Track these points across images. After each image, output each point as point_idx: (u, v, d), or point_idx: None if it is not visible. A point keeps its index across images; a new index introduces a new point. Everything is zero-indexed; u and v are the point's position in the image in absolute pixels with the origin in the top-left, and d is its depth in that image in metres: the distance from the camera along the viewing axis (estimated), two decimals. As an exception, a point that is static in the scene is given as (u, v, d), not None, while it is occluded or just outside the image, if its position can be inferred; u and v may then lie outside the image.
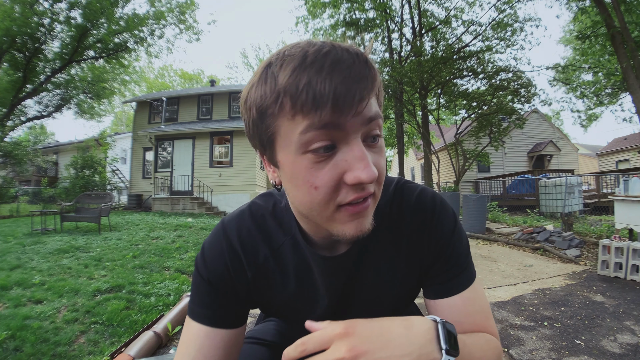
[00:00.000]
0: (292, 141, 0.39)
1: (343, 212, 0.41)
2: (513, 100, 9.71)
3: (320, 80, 0.36)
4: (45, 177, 17.46)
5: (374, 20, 11.93)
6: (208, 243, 0.56)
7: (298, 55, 0.38)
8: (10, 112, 12.74)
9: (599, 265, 3.66)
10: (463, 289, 0.53)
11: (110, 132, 22.75)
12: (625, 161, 16.89)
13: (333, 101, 0.36)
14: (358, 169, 0.38)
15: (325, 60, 0.37)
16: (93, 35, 12.83)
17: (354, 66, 0.37)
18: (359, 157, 0.38)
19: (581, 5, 8.80)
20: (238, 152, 11.64)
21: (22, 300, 2.63)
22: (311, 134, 0.38)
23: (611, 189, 9.57)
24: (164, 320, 2.26)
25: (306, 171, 0.40)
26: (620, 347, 1.99)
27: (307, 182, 0.40)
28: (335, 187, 0.40)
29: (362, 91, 0.37)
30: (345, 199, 0.40)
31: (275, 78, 0.39)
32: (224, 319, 0.53)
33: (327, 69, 0.36)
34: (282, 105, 0.38)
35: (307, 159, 0.39)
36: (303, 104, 0.37)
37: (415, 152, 19.79)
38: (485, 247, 5.40)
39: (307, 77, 0.36)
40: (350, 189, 0.40)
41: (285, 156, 0.41)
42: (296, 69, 0.37)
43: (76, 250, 4.45)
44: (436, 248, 0.54)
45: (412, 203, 0.56)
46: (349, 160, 0.39)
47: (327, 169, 0.39)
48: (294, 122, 0.38)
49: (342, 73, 0.37)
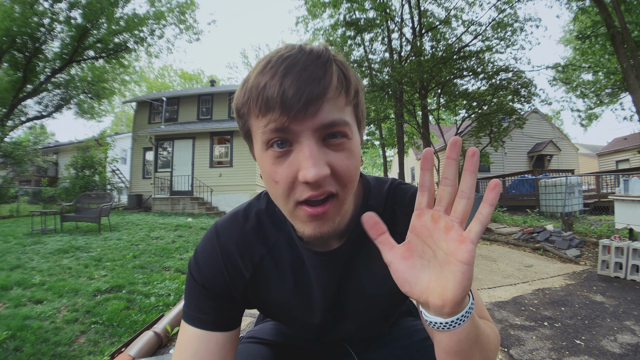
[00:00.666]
0: (258, 138, 0.43)
1: (302, 211, 0.43)
2: (513, 100, 9.70)
3: (272, 84, 0.39)
4: (45, 177, 17.45)
5: (374, 20, 11.92)
6: (201, 248, 0.56)
7: (265, 60, 0.42)
8: (10, 112, 12.73)
9: (599, 265, 3.66)
10: None
11: (111, 132, 22.76)
12: (625, 161, 16.89)
13: (280, 104, 0.38)
14: (305, 167, 0.39)
15: (282, 64, 0.39)
16: (93, 35, 12.83)
17: (308, 68, 0.39)
18: (307, 156, 0.40)
19: (581, 5, 8.80)
20: (238, 152, 11.64)
21: (22, 300, 2.63)
22: (268, 132, 0.41)
23: (611, 189, 9.57)
24: (164, 320, 2.26)
25: (269, 166, 0.43)
26: (620, 347, 1.99)
27: (269, 176, 0.43)
28: (291, 183, 0.42)
29: (312, 93, 0.38)
30: (302, 196, 0.42)
31: (247, 81, 0.43)
32: (219, 322, 0.53)
33: (280, 73, 0.39)
34: (249, 106, 0.42)
35: (270, 155, 0.42)
36: (260, 106, 0.40)
37: (415, 152, 19.79)
38: (485, 247, 5.39)
39: (264, 81, 0.39)
40: (305, 186, 0.41)
41: (256, 152, 0.45)
42: (259, 74, 0.41)
43: (76, 251, 4.45)
44: None
45: (405, 203, 0.56)
46: (299, 159, 0.40)
47: (284, 166, 0.42)
48: (258, 121, 0.42)
49: (293, 76, 0.38)
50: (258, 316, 0.91)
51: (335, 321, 0.60)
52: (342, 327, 0.62)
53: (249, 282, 0.55)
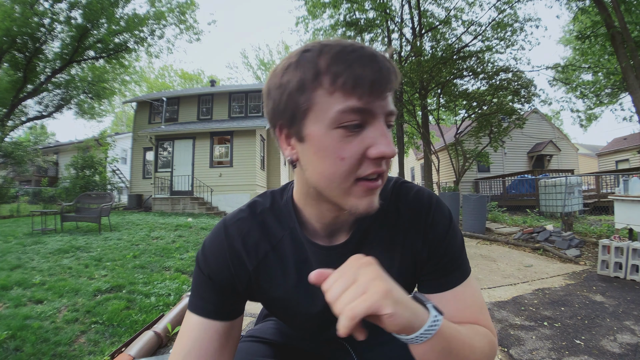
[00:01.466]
0: (327, 116, 0.43)
1: (359, 187, 0.46)
2: (513, 100, 9.70)
3: (360, 67, 0.42)
4: (45, 177, 17.45)
5: (374, 20, 11.93)
6: (209, 241, 0.58)
7: (336, 46, 0.44)
8: (10, 112, 12.74)
9: (598, 265, 3.66)
10: (456, 285, 0.56)
11: (111, 132, 22.77)
12: (625, 161, 16.89)
13: (370, 86, 0.42)
14: (382, 144, 0.43)
15: (364, 51, 0.43)
16: (93, 35, 12.83)
17: (385, 61, 0.44)
18: (383, 134, 0.44)
19: (581, 5, 8.80)
20: (238, 152, 11.64)
21: (23, 300, 2.63)
22: (347, 111, 0.42)
23: (611, 188, 9.57)
24: (164, 320, 2.26)
25: (335, 144, 0.44)
26: (620, 347, 2.00)
27: (334, 153, 0.44)
28: (359, 159, 0.44)
29: (390, 82, 0.44)
30: (365, 171, 0.45)
31: (315, 61, 0.43)
32: (220, 311, 0.55)
33: (366, 58, 0.42)
34: (320, 83, 0.43)
35: (338, 133, 0.44)
36: (344, 84, 0.42)
37: (415, 152, 19.78)
38: (485, 247, 5.40)
39: (349, 62, 0.42)
40: (370, 163, 0.44)
41: (317, 129, 0.45)
42: (338, 55, 0.42)
43: (76, 250, 4.45)
44: (431, 244, 0.57)
45: (409, 200, 0.59)
46: (374, 137, 0.44)
47: (354, 143, 0.44)
48: (332, 99, 0.43)
49: (378, 65, 0.42)
50: (258, 316, 0.91)
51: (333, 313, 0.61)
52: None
53: (252, 276, 0.57)
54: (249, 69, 37.68)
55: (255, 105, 13.76)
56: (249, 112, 13.72)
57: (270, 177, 13.21)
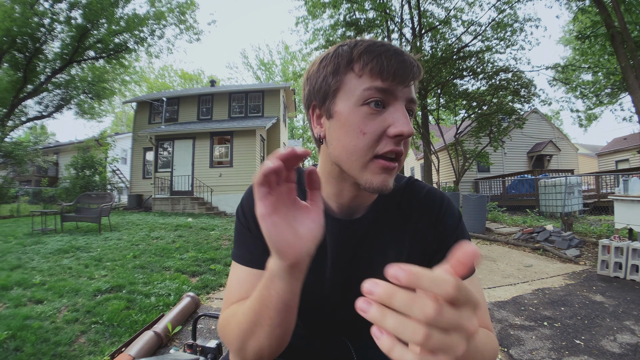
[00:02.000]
0: (354, 94, 0.50)
1: (376, 163, 0.50)
2: (513, 100, 9.70)
3: (386, 57, 0.49)
4: (45, 177, 17.44)
5: (374, 20, 11.91)
6: (246, 195, 0.63)
7: (368, 41, 0.52)
8: (10, 112, 12.73)
9: (598, 265, 3.66)
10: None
11: (111, 132, 22.75)
12: (624, 161, 16.88)
13: (394, 73, 0.49)
14: (401, 124, 0.48)
15: (391, 47, 0.50)
16: (93, 35, 12.82)
17: (409, 57, 0.51)
18: (403, 115, 0.49)
19: (581, 5, 8.79)
20: (238, 152, 11.63)
21: (23, 300, 2.63)
22: (372, 89, 0.49)
23: (611, 188, 9.56)
24: (164, 320, 2.26)
25: (360, 119, 0.50)
26: (620, 347, 2.00)
27: (358, 128, 0.50)
28: (379, 136, 0.49)
29: (412, 73, 0.50)
30: (384, 148, 0.49)
31: (349, 51, 0.52)
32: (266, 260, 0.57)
33: (392, 52, 0.50)
34: (352, 68, 0.51)
35: (363, 111, 0.50)
36: (372, 69, 0.49)
37: (415, 152, 19.78)
38: (485, 247, 5.40)
39: (377, 53, 0.49)
40: (389, 140, 0.49)
41: (345, 106, 0.51)
42: (368, 47, 0.50)
43: (76, 251, 4.45)
44: (440, 238, 0.60)
45: (421, 197, 0.63)
46: (395, 117, 0.49)
47: (376, 121, 0.49)
48: (361, 80, 0.50)
49: (402, 58, 0.50)
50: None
51: (340, 291, 0.63)
52: (348, 300, 0.64)
53: None
54: (249, 69, 37.71)
55: (255, 105, 13.76)
56: (249, 112, 13.72)
57: (270, 177, 13.20)
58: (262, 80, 32.18)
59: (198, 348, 1.33)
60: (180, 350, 1.60)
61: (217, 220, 8.18)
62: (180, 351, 1.55)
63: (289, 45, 34.61)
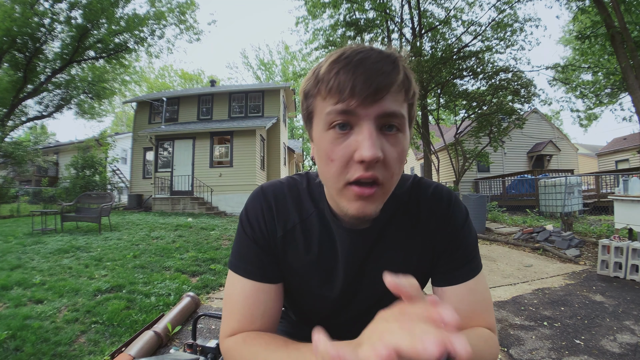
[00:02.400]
0: (321, 118, 0.48)
1: (350, 191, 0.47)
2: (513, 100, 9.70)
3: (345, 71, 0.44)
4: (45, 177, 17.44)
5: (374, 20, 11.92)
6: (250, 202, 0.62)
7: (339, 52, 0.47)
8: (10, 112, 12.73)
9: (598, 265, 3.66)
10: (468, 279, 0.57)
11: (111, 132, 22.74)
12: (624, 161, 16.88)
13: (351, 89, 0.43)
14: (364, 147, 0.43)
15: (356, 56, 0.45)
16: (93, 35, 12.82)
17: (378, 63, 0.44)
18: (367, 137, 0.44)
19: (581, 5, 8.79)
20: (238, 152, 11.63)
21: (23, 300, 2.63)
22: (334, 113, 0.45)
23: (611, 188, 9.56)
24: (164, 320, 2.26)
25: (327, 145, 0.47)
26: (619, 346, 2.00)
27: (326, 155, 0.47)
28: (346, 162, 0.46)
29: (380, 83, 0.43)
30: (353, 175, 0.46)
31: (319, 70, 0.48)
32: (266, 274, 0.58)
33: (353, 64, 0.44)
34: (319, 89, 0.47)
35: (330, 135, 0.47)
36: (330, 89, 0.45)
37: (415, 152, 19.79)
38: (485, 247, 5.40)
39: (338, 68, 0.45)
40: (358, 167, 0.45)
41: (317, 131, 0.49)
42: (333, 62, 0.46)
43: (76, 250, 4.45)
44: (448, 237, 0.59)
45: (428, 195, 0.61)
46: (358, 140, 0.45)
47: (342, 146, 0.46)
48: (325, 103, 0.47)
49: (365, 67, 0.44)
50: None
51: (350, 297, 0.64)
52: (355, 305, 0.65)
53: (280, 242, 0.60)
54: (249, 69, 37.70)
55: (255, 105, 13.76)
56: (249, 112, 13.72)
57: (270, 177, 13.20)
58: (262, 80, 32.19)
59: (198, 348, 1.33)
60: (180, 350, 1.59)
61: (217, 220, 8.18)
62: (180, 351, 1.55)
63: (289, 45, 34.65)
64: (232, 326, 0.56)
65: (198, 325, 2.37)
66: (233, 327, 0.56)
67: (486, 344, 0.52)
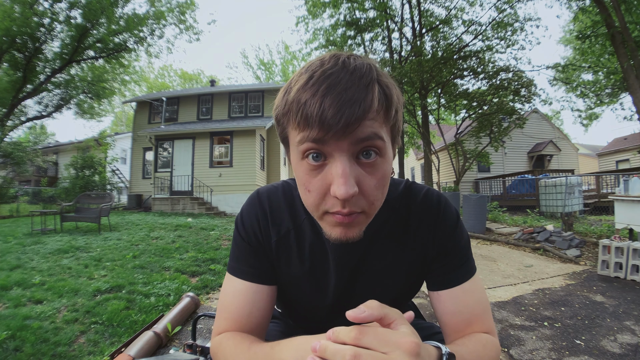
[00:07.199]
0: (295, 146, 0.45)
1: (330, 218, 0.46)
2: (513, 100, 9.70)
3: (313, 102, 0.40)
4: (45, 177, 17.45)
5: (374, 20, 11.92)
6: (245, 207, 0.63)
7: (308, 73, 0.42)
8: (10, 112, 12.73)
9: (599, 265, 3.66)
10: (463, 281, 0.57)
11: (110, 132, 22.75)
12: (625, 161, 16.88)
13: (319, 122, 0.39)
14: (336, 184, 0.41)
15: (324, 82, 0.40)
16: (93, 35, 12.82)
17: (349, 90, 0.40)
18: (339, 174, 0.41)
19: (581, 4, 8.79)
20: (238, 152, 11.63)
21: (22, 300, 2.63)
22: (304, 145, 0.42)
23: (611, 189, 9.57)
24: (164, 320, 2.26)
25: (303, 175, 0.45)
26: (620, 347, 1.99)
27: (303, 185, 0.46)
28: (323, 194, 0.44)
29: (351, 115, 0.39)
30: (331, 208, 0.44)
31: (288, 93, 0.44)
32: (263, 276, 0.59)
33: (321, 92, 0.40)
34: (288, 119, 0.44)
35: (305, 165, 0.44)
36: (299, 121, 0.41)
37: (415, 152, 19.79)
38: (485, 247, 5.39)
39: (305, 98, 0.41)
40: (335, 200, 0.43)
41: (293, 158, 0.48)
42: (301, 89, 0.41)
43: (76, 251, 4.45)
44: (440, 241, 0.59)
45: (419, 201, 0.61)
46: (332, 175, 0.42)
47: (318, 178, 0.44)
48: (296, 132, 0.43)
49: (334, 97, 0.39)
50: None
51: (343, 304, 0.63)
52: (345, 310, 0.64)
53: (274, 248, 0.60)
54: (249, 69, 37.75)
55: (255, 105, 13.75)
56: (249, 112, 13.71)
57: (270, 177, 13.20)
58: (262, 80, 32.17)
59: (198, 348, 1.32)
60: (180, 351, 1.59)
61: (216, 220, 8.18)
62: (180, 351, 1.55)
63: (289, 45, 34.65)
64: (219, 325, 0.58)
65: (198, 325, 2.37)
66: (220, 326, 0.57)
67: (485, 349, 0.52)
